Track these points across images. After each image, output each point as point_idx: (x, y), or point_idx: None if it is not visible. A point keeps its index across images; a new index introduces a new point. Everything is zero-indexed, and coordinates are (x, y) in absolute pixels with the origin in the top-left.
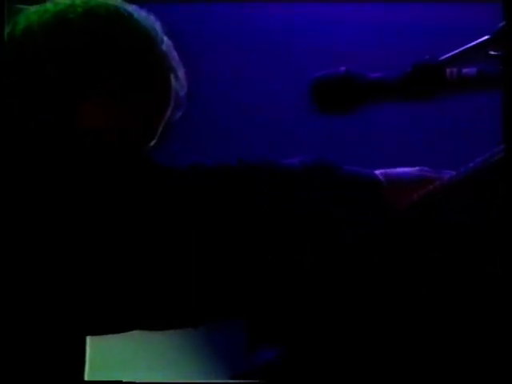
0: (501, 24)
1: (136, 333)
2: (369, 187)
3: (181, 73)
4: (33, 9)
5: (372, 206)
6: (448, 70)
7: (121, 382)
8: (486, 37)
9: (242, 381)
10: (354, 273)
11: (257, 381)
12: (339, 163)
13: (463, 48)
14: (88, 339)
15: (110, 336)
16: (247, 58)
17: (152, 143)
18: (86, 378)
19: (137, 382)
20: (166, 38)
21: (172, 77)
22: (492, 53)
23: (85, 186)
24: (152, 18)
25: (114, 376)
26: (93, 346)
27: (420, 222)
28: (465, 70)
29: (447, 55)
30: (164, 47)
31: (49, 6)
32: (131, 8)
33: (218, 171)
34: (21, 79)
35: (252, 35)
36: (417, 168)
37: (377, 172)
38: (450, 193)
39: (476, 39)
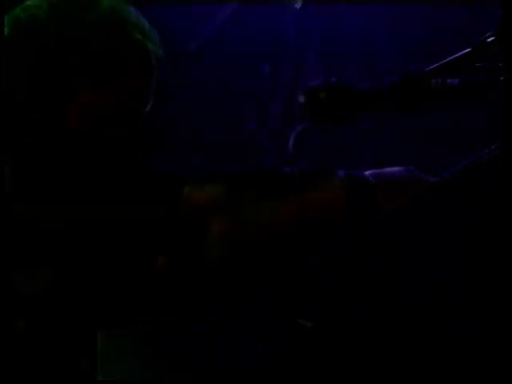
0: (483, 37)
1: None
2: (361, 189)
3: (154, 35)
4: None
5: (364, 207)
6: (433, 81)
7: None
8: (469, 49)
9: None
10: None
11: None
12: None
13: (448, 59)
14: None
15: None
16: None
17: (148, 107)
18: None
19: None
20: (133, 9)
21: (148, 42)
22: (476, 64)
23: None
24: None
25: None
26: None
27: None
28: (449, 81)
29: (433, 66)
30: (133, 18)
31: (19, 12)
32: None
33: (227, 178)
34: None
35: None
36: (403, 168)
37: (367, 173)
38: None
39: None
